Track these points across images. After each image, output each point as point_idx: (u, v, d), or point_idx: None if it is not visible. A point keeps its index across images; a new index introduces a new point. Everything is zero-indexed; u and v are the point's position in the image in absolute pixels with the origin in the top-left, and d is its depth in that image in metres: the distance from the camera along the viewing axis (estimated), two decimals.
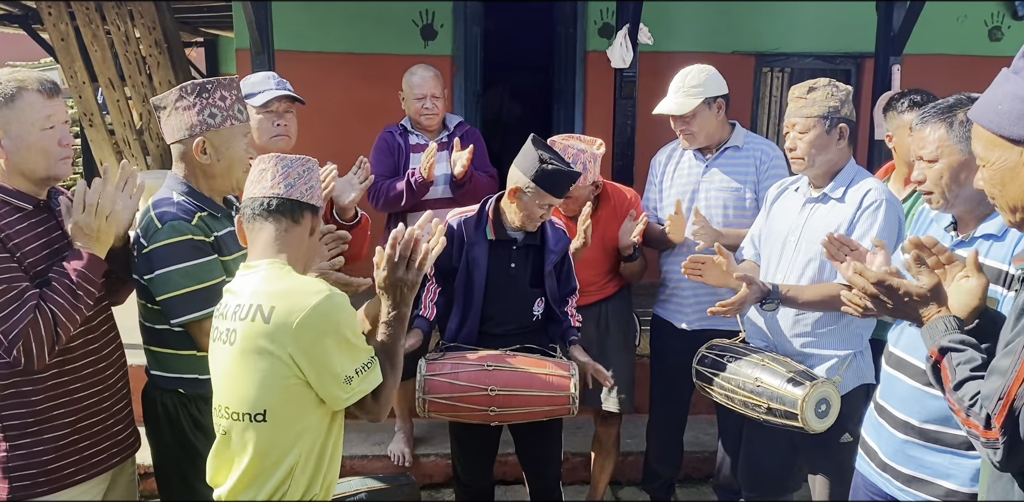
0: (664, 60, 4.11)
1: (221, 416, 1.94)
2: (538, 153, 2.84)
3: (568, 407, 2.88)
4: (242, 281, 1.94)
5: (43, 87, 2.17)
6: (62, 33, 6.97)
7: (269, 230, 1.94)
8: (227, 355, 1.90)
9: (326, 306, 1.83)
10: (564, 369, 2.90)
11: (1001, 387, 1.47)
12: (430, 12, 5.78)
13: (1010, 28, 6.20)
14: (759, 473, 3.06)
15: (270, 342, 1.82)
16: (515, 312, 3.07)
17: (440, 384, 2.86)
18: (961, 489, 2.09)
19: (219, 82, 2.36)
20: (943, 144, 2.12)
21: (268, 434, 1.87)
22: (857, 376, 2.81)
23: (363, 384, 1.88)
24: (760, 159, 3.37)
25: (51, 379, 2.21)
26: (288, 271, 1.92)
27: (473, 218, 3.03)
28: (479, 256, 2.99)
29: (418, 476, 3.95)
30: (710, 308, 2.78)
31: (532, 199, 2.86)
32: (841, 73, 6.15)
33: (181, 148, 2.38)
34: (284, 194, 1.93)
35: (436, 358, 2.92)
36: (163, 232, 2.27)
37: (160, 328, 2.36)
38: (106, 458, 2.36)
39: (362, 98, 5.57)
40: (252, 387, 1.86)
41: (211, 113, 2.32)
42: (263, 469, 1.88)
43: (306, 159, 1.99)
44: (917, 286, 1.82)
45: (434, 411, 2.92)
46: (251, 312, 1.85)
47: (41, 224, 2.24)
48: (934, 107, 2.17)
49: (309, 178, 1.97)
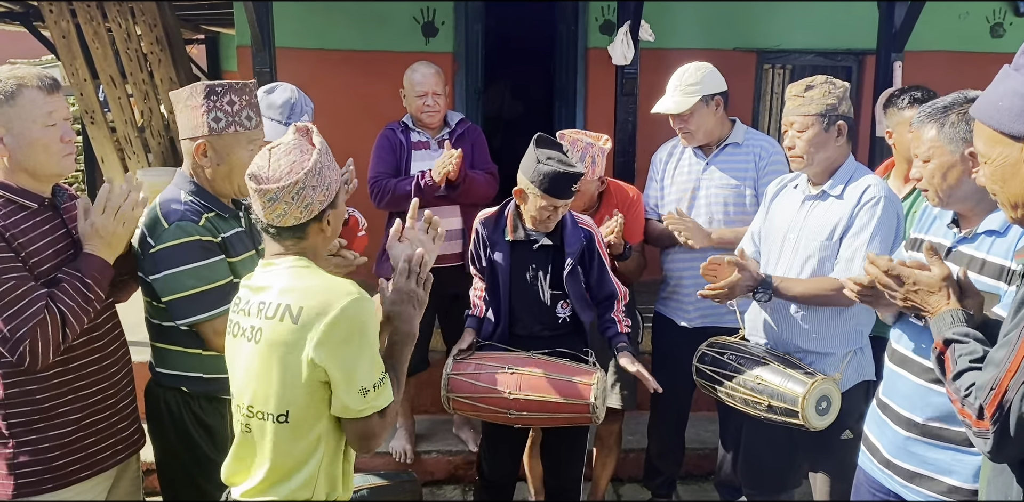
0: (665, 57, 4.11)
1: (243, 414, 1.92)
2: (537, 154, 2.82)
3: (588, 415, 2.83)
4: (265, 277, 1.90)
5: (43, 84, 2.16)
6: (63, 30, 6.97)
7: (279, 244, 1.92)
8: (251, 353, 1.88)
9: (355, 309, 1.80)
10: (587, 376, 2.85)
11: (994, 378, 1.48)
12: (431, 9, 5.78)
13: (1012, 24, 6.18)
14: (760, 470, 3.07)
15: (296, 342, 1.80)
16: (538, 314, 3.04)
17: (463, 384, 2.87)
18: (963, 485, 2.10)
19: (231, 86, 2.30)
20: (934, 145, 2.14)
21: (290, 435, 1.85)
22: (857, 373, 2.81)
23: (378, 400, 1.85)
24: (759, 155, 3.38)
25: (56, 377, 2.22)
26: (313, 269, 1.89)
27: (492, 219, 3.03)
28: (500, 257, 2.99)
29: (420, 473, 3.95)
30: (700, 292, 2.78)
31: (535, 200, 2.85)
32: (842, 70, 6.14)
33: (188, 146, 2.35)
34: (277, 223, 1.85)
35: (464, 357, 2.92)
36: (170, 232, 2.26)
37: (167, 325, 2.36)
38: (111, 455, 2.37)
39: (363, 95, 5.57)
40: (276, 387, 1.84)
41: (216, 117, 2.28)
42: (286, 470, 1.87)
43: (293, 183, 1.80)
44: (928, 276, 1.85)
45: (459, 409, 2.93)
46: (279, 311, 1.82)
47: (46, 222, 2.24)
48: (930, 107, 2.18)
49: (303, 198, 1.82)
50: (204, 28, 8.61)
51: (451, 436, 4.30)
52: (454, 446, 4.23)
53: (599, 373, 2.89)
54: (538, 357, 2.93)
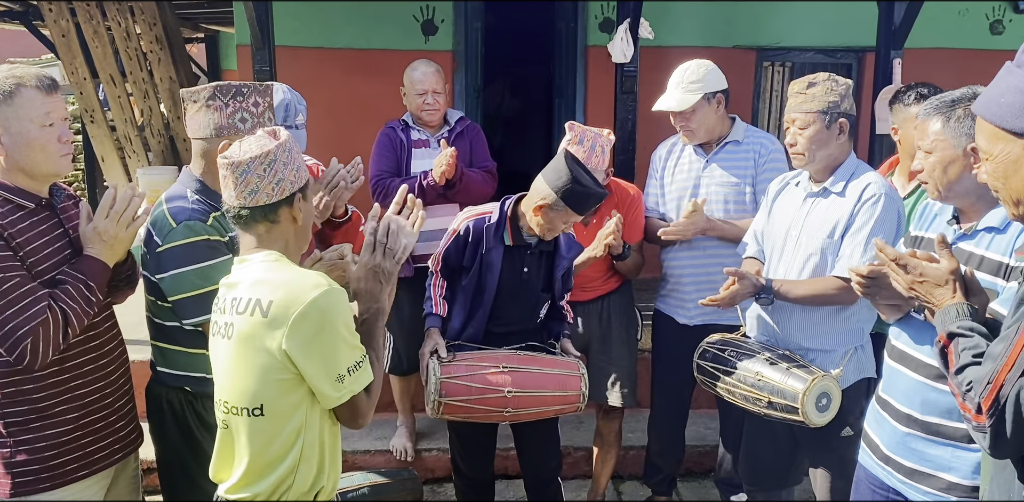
0: (665, 55, 4.11)
1: (221, 411, 1.94)
2: (570, 170, 2.80)
3: (577, 405, 2.91)
4: (238, 274, 1.93)
5: (41, 84, 2.16)
6: (63, 29, 6.97)
7: (251, 233, 1.93)
8: (226, 349, 1.90)
9: (324, 301, 1.81)
10: (573, 368, 2.93)
11: (991, 372, 1.48)
12: (431, 7, 5.78)
13: (1011, 22, 6.18)
14: (760, 467, 3.07)
15: (267, 336, 1.81)
16: (522, 314, 3.07)
17: (457, 387, 2.83)
18: (963, 482, 2.10)
19: (255, 87, 2.35)
20: (938, 138, 2.14)
21: (266, 428, 1.86)
22: (858, 370, 2.81)
23: (354, 384, 1.87)
24: (759, 152, 3.37)
25: (53, 376, 2.22)
26: (285, 263, 1.91)
27: (493, 222, 3.00)
28: (494, 260, 2.98)
29: (420, 471, 3.95)
30: (700, 300, 2.79)
31: (558, 215, 2.85)
32: (842, 67, 6.14)
33: (204, 145, 2.35)
34: (249, 203, 1.87)
35: (449, 360, 2.89)
36: (178, 232, 2.25)
37: (170, 325, 2.36)
38: (109, 454, 2.37)
39: (363, 94, 5.57)
40: (249, 381, 1.86)
41: (242, 117, 2.31)
42: (265, 464, 1.88)
43: (264, 153, 1.86)
44: (935, 268, 1.85)
45: (448, 413, 2.90)
46: (249, 306, 1.84)
47: (43, 222, 2.24)
48: (938, 100, 2.18)
49: (275, 172, 1.87)
50: (204, 27, 8.62)
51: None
52: None
53: (580, 363, 2.96)
54: (522, 353, 2.94)
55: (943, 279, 1.85)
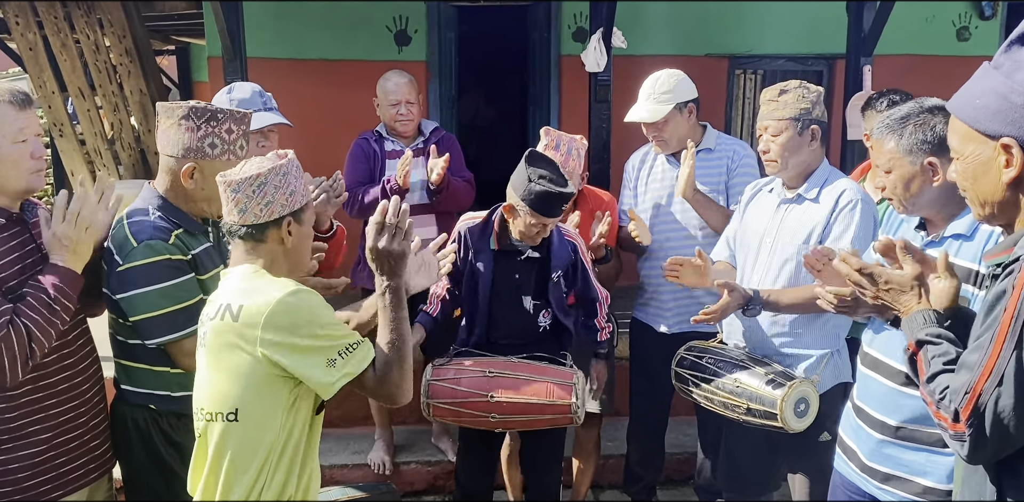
0: (638, 63, 4.12)
1: (197, 418, 1.94)
2: (529, 172, 2.80)
3: (570, 416, 2.88)
4: (220, 286, 1.96)
5: (15, 99, 2.13)
6: (30, 42, 6.88)
7: (240, 246, 1.96)
8: (203, 356, 1.92)
9: (291, 300, 1.82)
10: (567, 378, 2.90)
11: (968, 382, 1.48)
12: (404, 17, 5.77)
13: (977, 28, 6.28)
14: (739, 473, 3.07)
15: (240, 339, 1.82)
16: (519, 323, 3.06)
17: (443, 389, 2.87)
18: (938, 486, 2.11)
19: (232, 114, 2.28)
20: (894, 156, 2.16)
21: (238, 433, 1.86)
22: (835, 375, 2.82)
23: (349, 366, 1.84)
24: (731, 159, 3.40)
25: (26, 395, 2.17)
26: (262, 274, 1.92)
27: (479, 226, 3.02)
28: (483, 265, 2.99)
29: (399, 484, 3.92)
30: (693, 317, 2.79)
31: (524, 218, 2.85)
32: (813, 74, 6.20)
33: (172, 163, 2.30)
34: (238, 221, 1.92)
35: (443, 363, 2.93)
36: (139, 251, 2.21)
37: (133, 343, 2.31)
38: (83, 474, 2.33)
39: (336, 105, 5.54)
40: (224, 385, 1.86)
41: (212, 143, 2.25)
42: (232, 468, 1.87)
43: (255, 175, 1.88)
44: (900, 275, 1.85)
45: (438, 416, 2.94)
46: (220, 311, 1.86)
47: (14, 238, 2.20)
48: (888, 117, 2.20)
49: (264, 194, 1.89)
50: (174, 39, 8.54)
51: (430, 446, 4.26)
52: (433, 456, 4.20)
53: (579, 373, 2.93)
54: (517, 361, 2.94)
55: (908, 285, 1.84)
